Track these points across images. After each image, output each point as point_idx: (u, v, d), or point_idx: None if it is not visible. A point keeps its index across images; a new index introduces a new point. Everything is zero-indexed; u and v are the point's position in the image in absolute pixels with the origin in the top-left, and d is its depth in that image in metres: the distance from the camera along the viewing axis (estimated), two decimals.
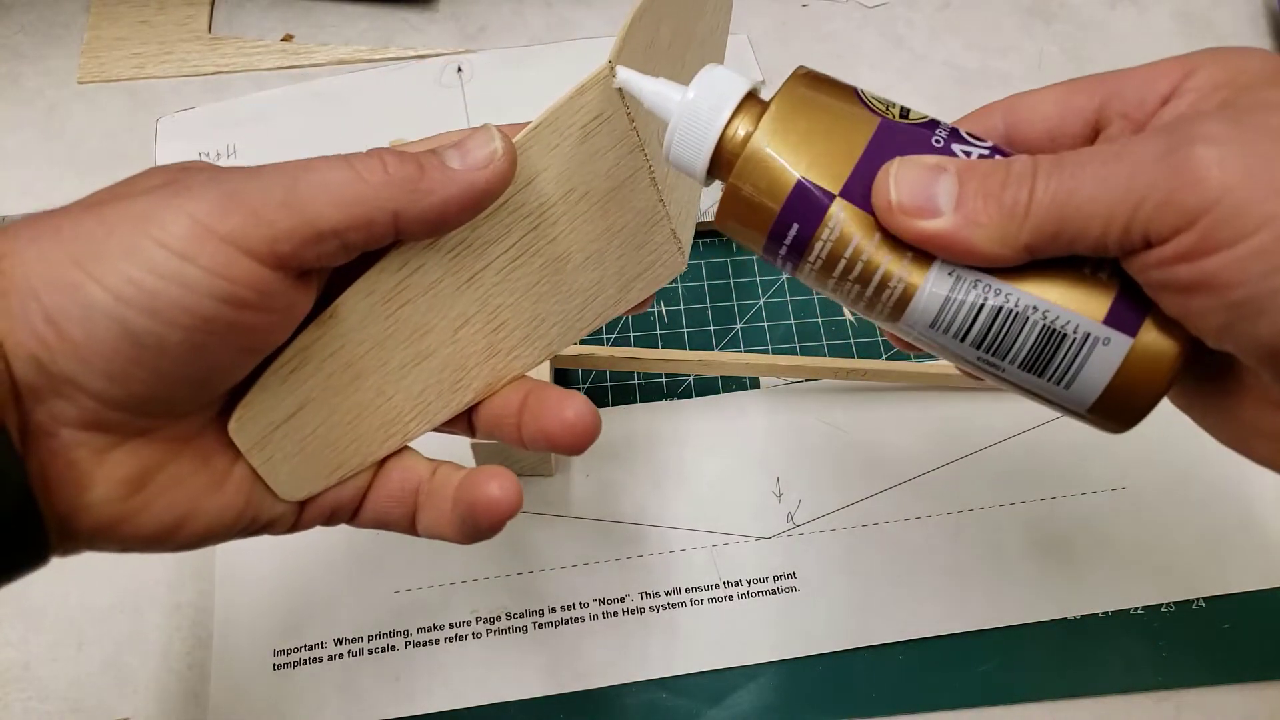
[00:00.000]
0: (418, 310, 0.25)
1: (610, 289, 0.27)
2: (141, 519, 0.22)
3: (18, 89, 0.52)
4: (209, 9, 0.55)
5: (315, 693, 0.37)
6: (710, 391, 0.43)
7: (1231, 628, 0.38)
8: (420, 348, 0.26)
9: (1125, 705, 0.37)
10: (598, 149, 0.24)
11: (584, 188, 0.25)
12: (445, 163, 0.22)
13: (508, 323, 0.26)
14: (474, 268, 0.25)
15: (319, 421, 0.25)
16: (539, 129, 0.24)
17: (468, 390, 0.27)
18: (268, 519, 0.26)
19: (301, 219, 0.21)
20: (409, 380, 0.26)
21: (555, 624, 0.38)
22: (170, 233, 0.20)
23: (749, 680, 0.37)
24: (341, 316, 0.24)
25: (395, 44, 0.54)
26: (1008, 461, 0.42)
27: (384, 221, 0.22)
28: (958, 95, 0.53)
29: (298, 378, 0.25)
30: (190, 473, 0.24)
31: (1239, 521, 0.40)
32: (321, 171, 0.22)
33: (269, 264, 0.21)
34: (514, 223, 0.25)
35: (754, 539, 0.40)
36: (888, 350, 0.45)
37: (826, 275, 0.22)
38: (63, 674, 0.37)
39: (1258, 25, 0.57)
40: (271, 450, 0.25)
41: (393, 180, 0.22)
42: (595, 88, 0.23)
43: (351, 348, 0.25)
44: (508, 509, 0.25)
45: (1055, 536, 0.40)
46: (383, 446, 0.26)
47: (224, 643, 0.37)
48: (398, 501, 0.27)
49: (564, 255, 0.26)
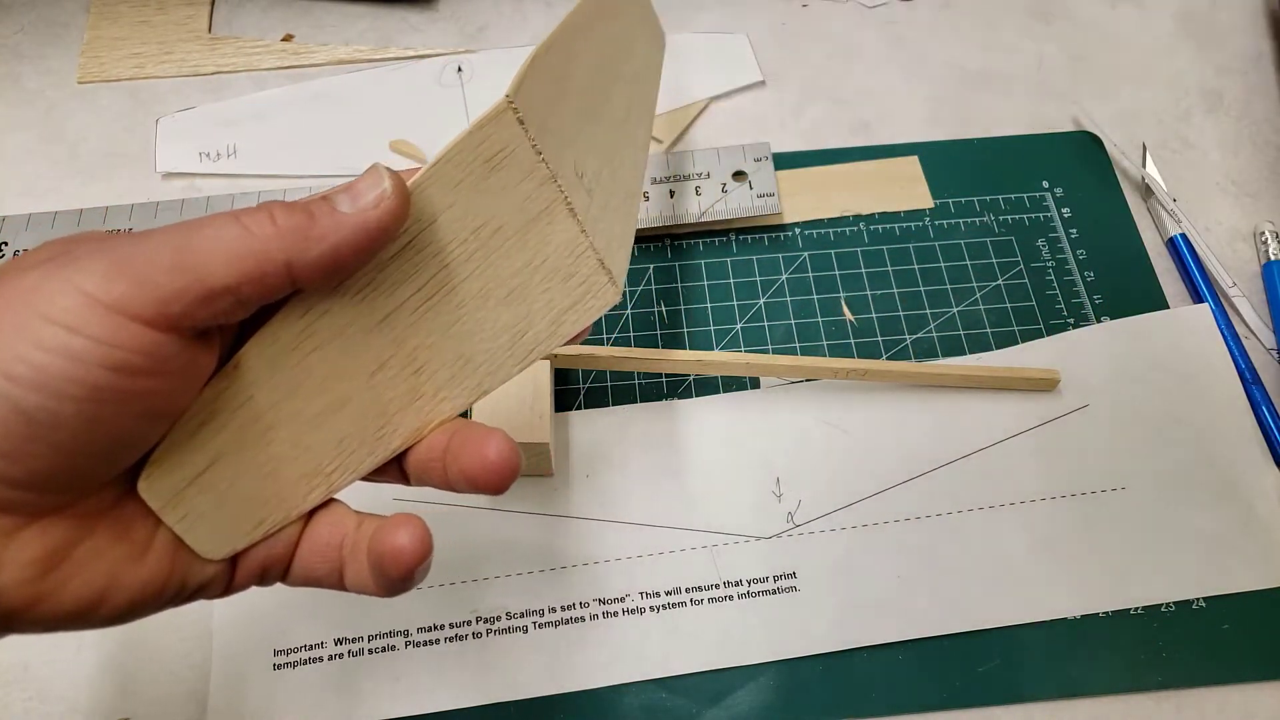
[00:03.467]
0: (328, 356, 0.24)
1: (539, 324, 0.26)
2: (59, 598, 0.22)
3: (18, 89, 0.52)
4: (209, 9, 0.55)
5: (315, 693, 0.37)
6: (710, 391, 0.43)
7: (1231, 628, 0.38)
8: (335, 395, 0.25)
9: (1125, 705, 0.37)
10: (506, 183, 0.24)
11: (496, 222, 0.24)
12: (335, 207, 0.22)
13: (428, 364, 0.25)
14: (385, 309, 0.24)
15: (234, 475, 0.25)
16: (439, 165, 0.23)
17: (393, 437, 0.26)
18: (197, 583, 0.25)
19: (192, 278, 0.21)
20: (327, 429, 0.25)
21: (555, 624, 0.38)
22: (56, 305, 0.20)
23: (748, 680, 0.37)
24: (247, 367, 0.24)
25: (395, 44, 0.54)
26: (1008, 461, 0.42)
27: (276, 273, 0.22)
28: (958, 95, 0.53)
29: (206, 432, 0.24)
30: (108, 545, 0.23)
31: (1239, 521, 0.40)
32: (210, 229, 0.21)
33: (159, 327, 0.21)
34: (422, 261, 0.24)
35: (754, 539, 0.40)
36: (888, 350, 0.45)
37: None
38: (63, 674, 0.37)
39: (1258, 25, 0.57)
40: (186, 508, 0.24)
41: (281, 231, 0.22)
42: (494, 121, 0.23)
43: (261, 398, 0.24)
44: (414, 558, 0.24)
45: (1055, 536, 0.40)
46: (305, 500, 0.26)
47: (224, 643, 0.37)
48: (323, 558, 0.26)
49: (483, 292, 0.25)
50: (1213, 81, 0.55)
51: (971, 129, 0.52)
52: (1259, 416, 0.43)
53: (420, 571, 0.25)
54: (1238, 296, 0.46)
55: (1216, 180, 0.51)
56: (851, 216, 0.49)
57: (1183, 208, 0.49)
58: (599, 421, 0.42)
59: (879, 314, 0.46)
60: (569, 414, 0.43)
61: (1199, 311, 0.45)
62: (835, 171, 0.50)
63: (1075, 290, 0.47)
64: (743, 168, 0.48)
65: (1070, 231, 0.48)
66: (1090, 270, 0.47)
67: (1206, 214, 0.50)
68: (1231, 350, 0.44)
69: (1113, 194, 0.50)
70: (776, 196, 0.47)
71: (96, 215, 0.47)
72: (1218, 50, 0.56)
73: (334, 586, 0.26)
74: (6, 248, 0.46)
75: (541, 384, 0.39)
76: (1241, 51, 0.56)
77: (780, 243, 0.48)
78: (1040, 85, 0.54)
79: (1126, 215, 0.49)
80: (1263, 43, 0.56)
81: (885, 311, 0.46)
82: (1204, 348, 0.44)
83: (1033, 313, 0.46)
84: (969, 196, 0.50)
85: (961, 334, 0.45)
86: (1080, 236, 0.48)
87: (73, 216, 0.47)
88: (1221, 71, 0.55)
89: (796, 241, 0.48)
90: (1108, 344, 0.44)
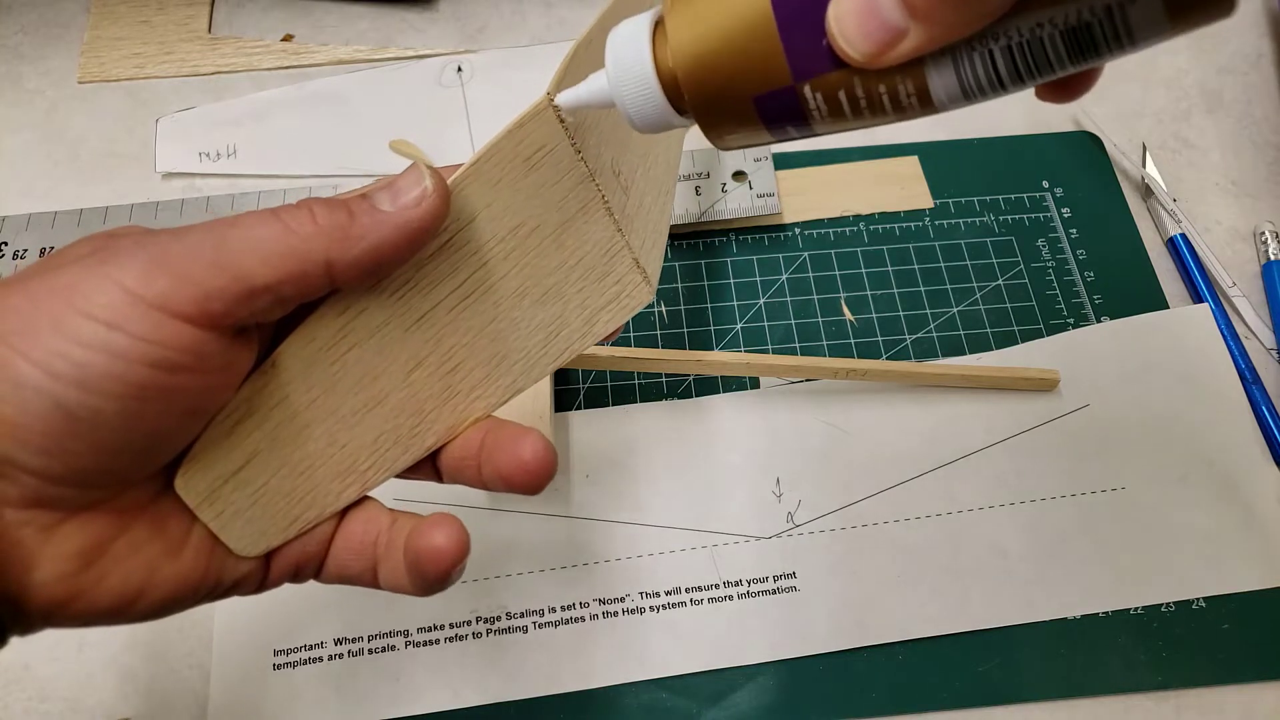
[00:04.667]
0: (365, 355, 0.24)
1: (574, 323, 0.26)
2: (97, 592, 0.22)
3: (18, 89, 0.52)
4: (209, 9, 0.55)
5: (315, 693, 0.37)
6: (710, 391, 0.43)
7: (1231, 628, 0.38)
8: (371, 393, 0.25)
9: (1125, 705, 0.37)
10: (544, 181, 0.24)
11: (534, 221, 0.24)
12: (376, 205, 0.22)
13: (464, 363, 0.25)
14: (422, 308, 0.24)
15: (270, 473, 0.25)
16: (478, 164, 0.23)
17: (427, 435, 0.26)
18: (232, 580, 0.25)
19: (231, 277, 0.21)
20: (362, 427, 0.25)
21: (555, 624, 0.38)
22: (96, 302, 0.20)
23: (749, 680, 0.37)
24: (284, 365, 0.24)
25: (395, 44, 0.54)
26: (1007, 461, 0.42)
27: (317, 272, 0.22)
28: None
29: (243, 430, 0.24)
30: (145, 541, 0.23)
31: (1239, 521, 0.40)
32: (249, 227, 0.21)
33: (200, 324, 0.21)
34: (461, 260, 0.24)
35: (754, 539, 0.40)
36: (888, 350, 0.45)
37: (840, 121, 0.21)
38: (63, 674, 0.37)
39: (1258, 25, 0.57)
40: (222, 505, 0.24)
41: (322, 230, 0.22)
42: (534, 120, 0.23)
43: (297, 396, 0.24)
44: (451, 558, 0.24)
45: (1055, 536, 0.40)
46: (340, 497, 0.26)
47: (224, 643, 0.37)
48: (358, 555, 0.26)
49: (519, 291, 0.25)
50: (1213, 81, 0.55)
51: (971, 129, 0.52)
52: (1259, 416, 0.43)
53: (457, 572, 0.25)
54: (1238, 296, 0.46)
55: (1216, 180, 0.51)
56: (851, 216, 0.49)
57: (1183, 208, 0.49)
58: (599, 421, 0.42)
59: (879, 314, 0.46)
60: (569, 414, 0.43)
61: (1199, 311, 0.45)
62: (835, 171, 0.50)
63: (1075, 290, 0.47)
64: (743, 168, 0.48)
65: (1070, 231, 0.48)
66: (1090, 270, 0.47)
67: (1206, 214, 0.50)
68: (1231, 350, 0.44)
69: (1113, 194, 0.50)
70: (776, 196, 0.47)
71: (96, 215, 0.47)
72: (1218, 50, 0.56)
73: (368, 584, 0.26)
74: (6, 248, 0.46)
75: (541, 384, 0.39)
76: (1241, 51, 0.56)
77: (780, 243, 0.48)
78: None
79: (1126, 215, 0.49)
80: (1263, 43, 0.56)
81: (885, 311, 0.46)
82: (1204, 348, 0.44)
83: (1033, 313, 0.46)
84: (969, 196, 0.50)
85: (961, 334, 0.45)
86: (1080, 236, 0.48)
87: (73, 216, 0.47)
88: (1221, 71, 0.55)
89: (796, 241, 0.48)
90: (1108, 344, 0.44)
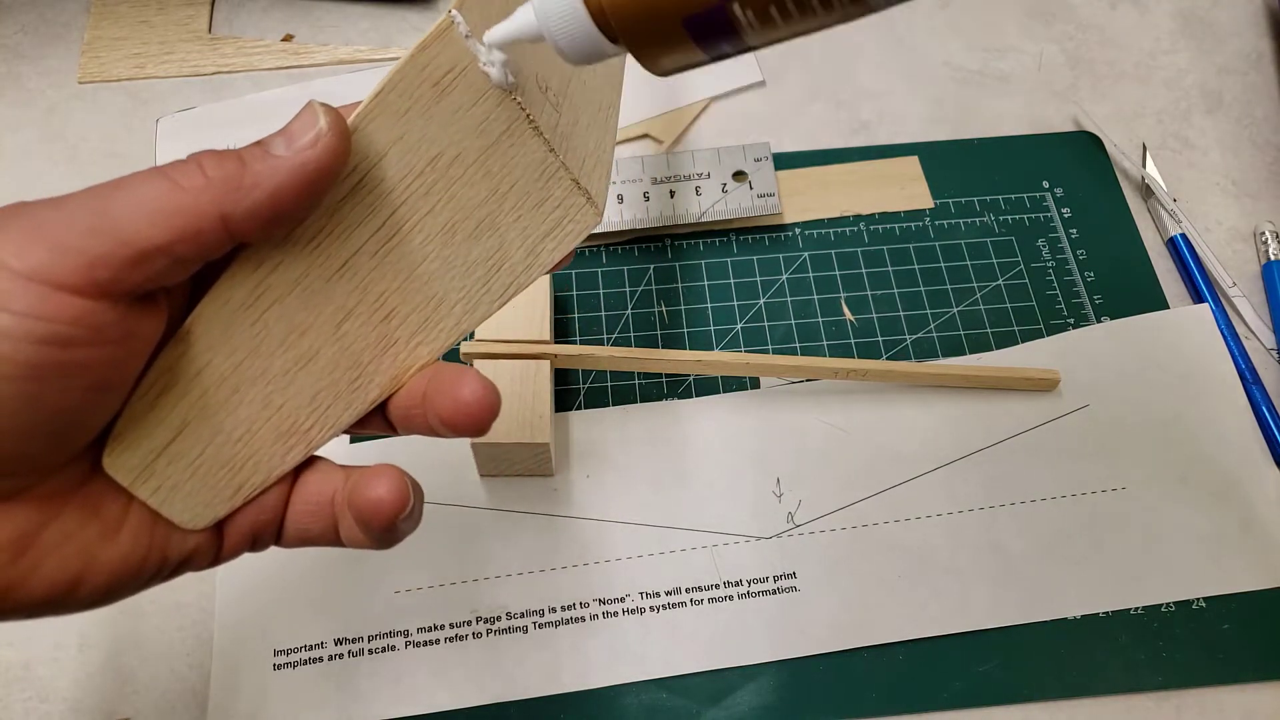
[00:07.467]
0: (287, 311, 0.23)
1: (515, 255, 0.24)
2: (31, 585, 0.21)
3: (18, 89, 0.52)
4: (209, 9, 0.55)
5: (315, 693, 0.37)
6: (710, 391, 0.43)
7: (1231, 628, 0.38)
8: (301, 350, 0.24)
9: (1125, 705, 0.37)
10: (459, 105, 0.22)
11: (453, 150, 0.23)
12: (269, 151, 0.21)
13: (398, 309, 0.24)
14: (342, 255, 0.23)
15: (205, 442, 0.24)
16: (381, 95, 0.22)
17: (370, 387, 0.25)
18: (181, 555, 0.24)
19: (116, 241, 0.20)
20: (297, 386, 0.24)
21: (555, 624, 0.38)
22: None
23: (749, 680, 0.37)
24: (200, 330, 0.23)
25: (395, 44, 0.54)
26: (1008, 461, 0.42)
27: (212, 228, 0.20)
28: (958, 95, 0.53)
29: (167, 401, 0.23)
30: (78, 527, 0.22)
31: (1239, 521, 0.40)
32: (133, 188, 0.20)
33: (89, 294, 0.20)
34: (377, 201, 0.23)
35: (754, 539, 0.40)
36: (888, 350, 0.45)
37: (771, 30, 0.20)
38: (63, 674, 0.37)
39: (1258, 25, 0.57)
40: (159, 480, 0.24)
41: (213, 182, 0.20)
42: (438, 41, 0.21)
43: (221, 361, 0.23)
44: (392, 508, 0.23)
45: (1055, 536, 0.40)
46: (285, 459, 0.25)
47: (224, 643, 0.37)
48: (315, 516, 0.25)
49: (448, 227, 0.24)
50: (1213, 81, 0.55)
51: (971, 129, 0.52)
52: (1259, 416, 0.43)
53: (405, 522, 0.24)
54: (1238, 296, 0.46)
55: (1216, 180, 0.51)
56: (851, 216, 0.49)
57: (1183, 208, 0.49)
58: (599, 421, 0.42)
59: (879, 314, 0.46)
60: (569, 414, 0.43)
61: (1199, 311, 0.45)
62: (835, 171, 0.50)
63: (1075, 290, 0.47)
64: (743, 168, 0.48)
65: (1070, 231, 0.48)
66: (1090, 270, 0.47)
67: (1206, 214, 0.50)
68: (1231, 350, 0.44)
69: (1113, 194, 0.50)
70: (777, 196, 0.47)
71: None
72: (1218, 50, 0.56)
73: (331, 543, 0.25)
74: None
75: (541, 384, 0.39)
76: (1241, 51, 0.56)
77: (780, 243, 0.48)
78: (1040, 85, 0.54)
79: (1126, 215, 0.49)
80: (1263, 43, 0.56)
81: (885, 311, 0.46)
82: (1204, 348, 0.44)
83: (1033, 313, 0.46)
84: (969, 197, 0.50)
85: (961, 334, 0.45)
86: (1080, 236, 0.48)
87: None
88: (1221, 71, 0.55)
89: (796, 241, 0.48)
90: (1108, 344, 0.44)
